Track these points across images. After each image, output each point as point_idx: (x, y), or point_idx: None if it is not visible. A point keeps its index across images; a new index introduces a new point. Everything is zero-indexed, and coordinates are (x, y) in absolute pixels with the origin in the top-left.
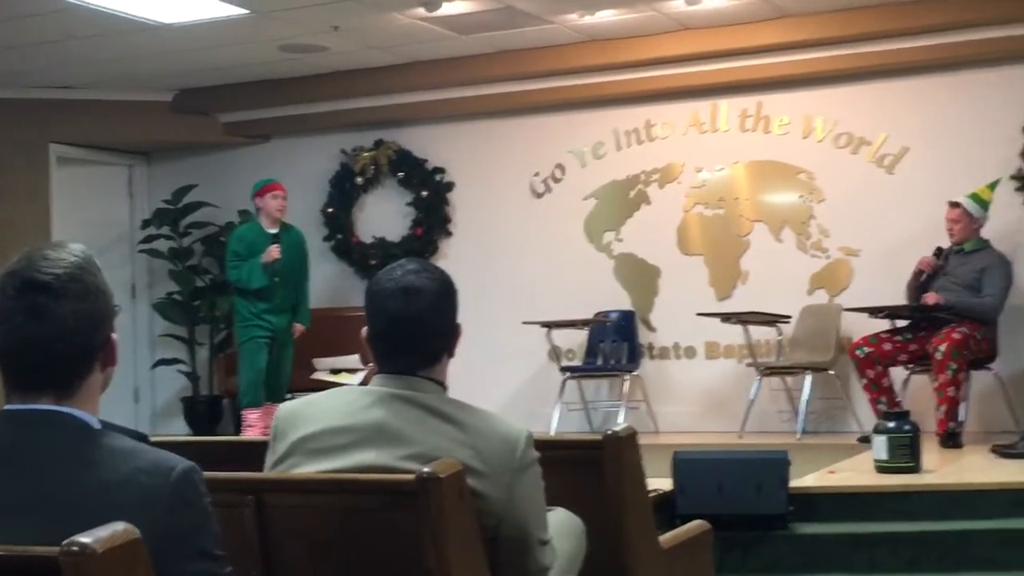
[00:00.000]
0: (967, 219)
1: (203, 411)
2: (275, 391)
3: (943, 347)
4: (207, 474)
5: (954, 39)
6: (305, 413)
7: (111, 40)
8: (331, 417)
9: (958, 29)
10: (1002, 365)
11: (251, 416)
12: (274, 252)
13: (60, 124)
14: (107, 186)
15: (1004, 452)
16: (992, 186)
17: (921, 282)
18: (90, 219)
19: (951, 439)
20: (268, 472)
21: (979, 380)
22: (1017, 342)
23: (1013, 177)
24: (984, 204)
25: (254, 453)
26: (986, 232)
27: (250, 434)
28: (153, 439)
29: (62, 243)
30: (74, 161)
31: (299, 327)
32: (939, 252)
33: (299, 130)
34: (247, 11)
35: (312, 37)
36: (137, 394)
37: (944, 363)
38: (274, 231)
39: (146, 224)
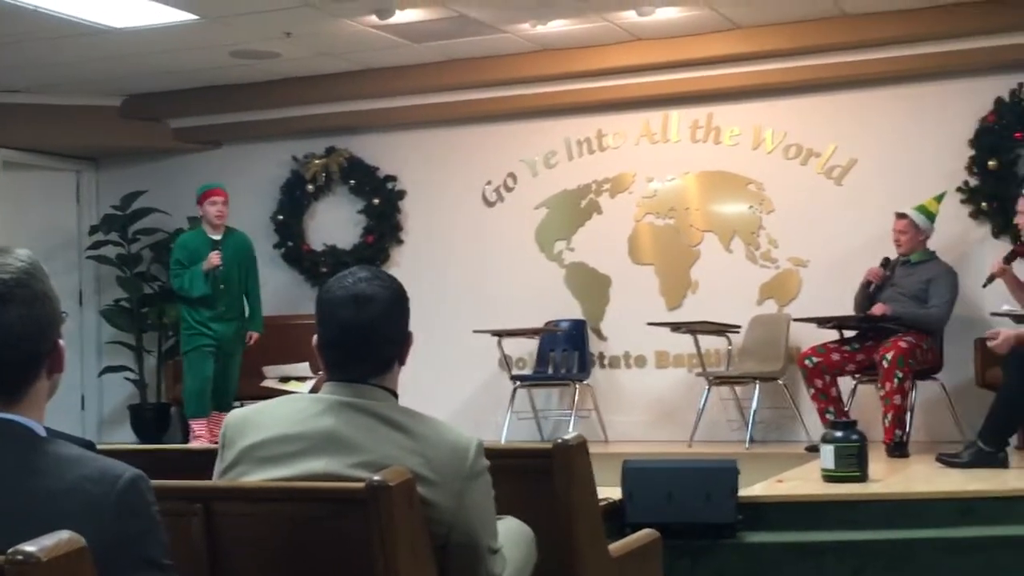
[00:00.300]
0: (914, 230)
1: (150, 419)
2: (222, 400)
3: (890, 356)
4: (155, 482)
5: (903, 52)
6: (254, 421)
7: (60, 44)
8: (281, 425)
9: (907, 43)
10: (947, 375)
11: (197, 426)
12: (214, 259)
13: (7, 128)
14: (54, 191)
15: (949, 461)
16: (939, 198)
17: (869, 293)
18: (37, 225)
19: (898, 448)
20: (217, 480)
21: (925, 390)
22: (962, 352)
23: (959, 189)
24: (931, 216)
25: (202, 461)
26: (932, 243)
27: (197, 443)
28: (100, 447)
29: (8, 249)
30: (20, 166)
31: (254, 335)
32: (886, 262)
33: (250, 137)
34: (198, 16)
35: (264, 43)
36: (84, 402)
37: (891, 372)
38: (217, 237)
39: (94, 230)
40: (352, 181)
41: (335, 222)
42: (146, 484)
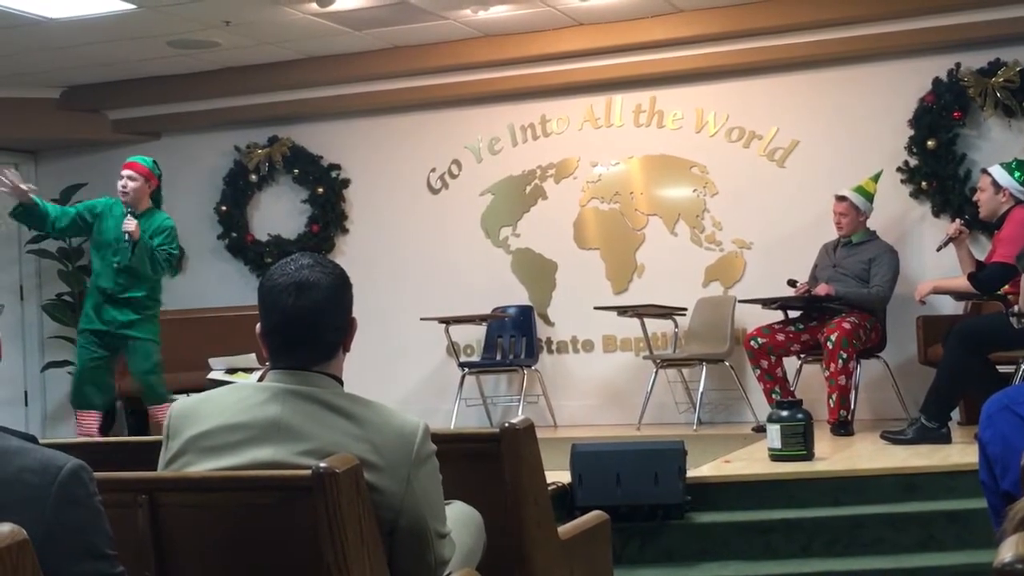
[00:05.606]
0: (854, 212)
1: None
2: (145, 395)
3: (834, 337)
4: (99, 474)
5: (843, 34)
6: (199, 410)
7: None
8: (226, 414)
9: (847, 25)
10: (890, 353)
11: (81, 417)
12: (129, 225)
13: None
14: None
15: (893, 438)
16: (875, 178)
17: (812, 274)
18: None
19: (842, 427)
20: (161, 471)
21: (869, 368)
22: (904, 331)
23: (899, 169)
24: (869, 196)
25: (147, 454)
26: (873, 223)
27: (80, 434)
28: (43, 442)
29: None
30: None
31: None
32: (792, 283)
33: (191, 127)
34: (135, 6)
35: (203, 33)
36: (27, 397)
37: (835, 352)
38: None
39: None
40: (296, 170)
41: (279, 212)
42: (88, 474)
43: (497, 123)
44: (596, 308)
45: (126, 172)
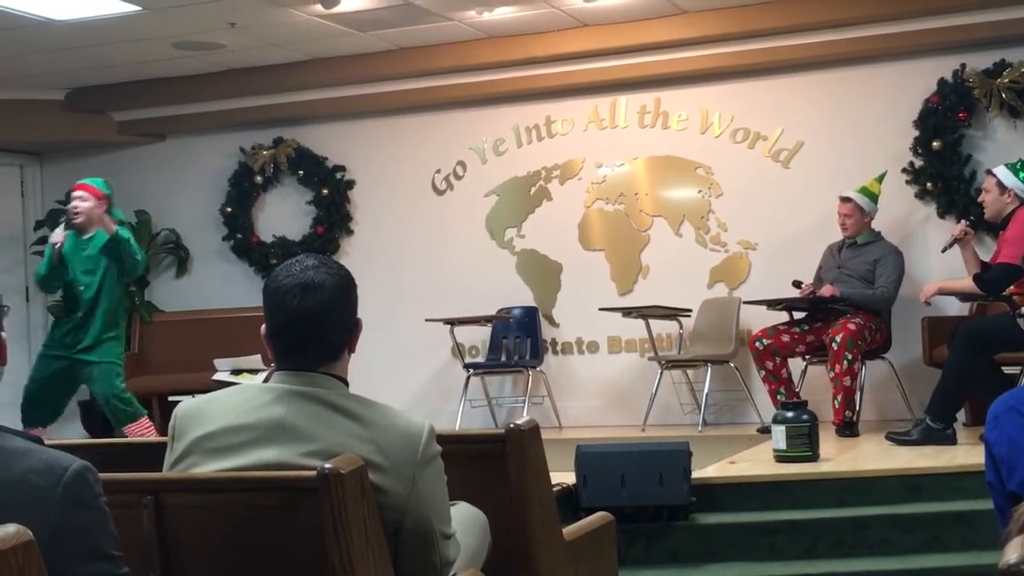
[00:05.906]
0: (859, 213)
1: (100, 415)
2: (111, 416)
3: (839, 338)
4: (104, 475)
5: (848, 35)
6: (204, 411)
7: (1, 37)
8: (231, 415)
9: (852, 25)
10: (895, 354)
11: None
12: (56, 235)
13: None
14: None
15: (898, 439)
16: (879, 179)
17: (817, 275)
18: None
19: (847, 428)
20: (167, 472)
21: (874, 369)
22: (909, 331)
23: (904, 170)
24: (874, 197)
25: (151, 455)
26: (878, 224)
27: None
28: (48, 443)
29: None
30: None
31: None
32: (797, 284)
33: (196, 128)
34: (140, 8)
35: (208, 34)
36: None
37: (840, 353)
38: (84, 236)
39: (39, 225)
40: (300, 172)
41: (284, 213)
42: (93, 475)
43: (502, 124)
44: (601, 309)
45: (76, 193)
